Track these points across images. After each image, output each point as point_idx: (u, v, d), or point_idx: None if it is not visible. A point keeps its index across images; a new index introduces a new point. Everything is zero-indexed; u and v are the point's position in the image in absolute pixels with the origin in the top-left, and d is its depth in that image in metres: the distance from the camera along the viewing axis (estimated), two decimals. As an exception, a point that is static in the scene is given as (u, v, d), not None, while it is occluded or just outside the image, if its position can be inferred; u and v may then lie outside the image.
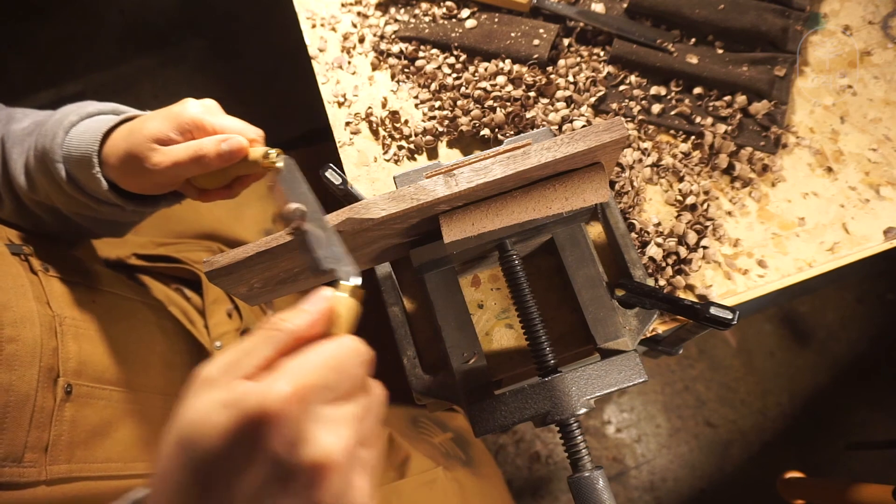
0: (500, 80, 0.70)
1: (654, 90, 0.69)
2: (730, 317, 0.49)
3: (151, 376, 0.63)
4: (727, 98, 0.67)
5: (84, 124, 0.56)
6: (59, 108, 0.60)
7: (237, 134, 0.51)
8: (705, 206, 0.63)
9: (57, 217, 0.61)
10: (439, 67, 0.73)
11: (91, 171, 0.53)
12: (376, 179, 0.69)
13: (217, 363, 0.31)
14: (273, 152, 0.51)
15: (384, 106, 0.72)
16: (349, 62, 0.76)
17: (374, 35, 0.76)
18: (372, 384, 0.35)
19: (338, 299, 0.37)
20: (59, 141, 0.54)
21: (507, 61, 0.71)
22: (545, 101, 0.69)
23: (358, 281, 0.40)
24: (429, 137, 0.69)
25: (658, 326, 0.60)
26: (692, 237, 0.61)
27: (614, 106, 0.69)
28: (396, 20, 0.77)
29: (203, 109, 0.53)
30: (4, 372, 0.48)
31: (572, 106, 0.69)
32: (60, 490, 0.51)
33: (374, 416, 0.33)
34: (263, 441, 0.28)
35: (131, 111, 0.60)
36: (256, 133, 0.53)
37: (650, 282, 0.59)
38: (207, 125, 0.52)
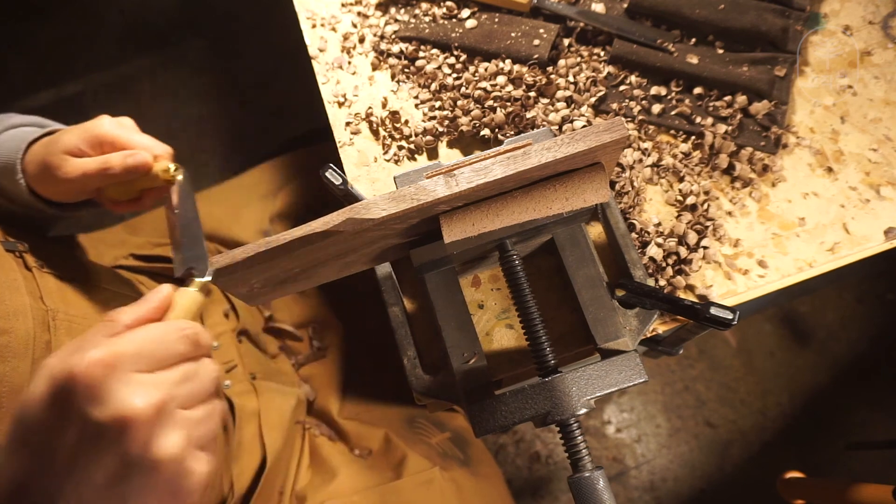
0: (501, 80, 0.70)
1: (654, 90, 0.69)
2: (730, 317, 0.49)
3: None
4: (727, 98, 0.67)
5: (8, 134, 0.60)
6: None
7: (145, 150, 0.55)
8: (705, 206, 0.63)
9: None
10: (439, 67, 0.72)
11: (14, 178, 0.58)
12: (376, 179, 0.69)
13: (56, 353, 0.34)
14: (173, 167, 0.55)
15: (384, 106, 0.72)
16: (349, 62, 0.76)
17: (375, 35, 0.76)
18: (204, 360, 0.39)
19: (180, 293, 0.41)
20: None
21: (508, 61, 0.71)
22: (545, 101, 0.69)
23: (208, 278, 0.45)
24: (429, 137, 0.69)
25: (658, 326, 0.60)
26: (692, 237, 0.61)
27: (614, 106, 0.69)
28: (396, 20, 0.77)
29: (115, 126, 0.56)
30: None
31: (572, 106, 0.69)
32: None
33: (199, 383, 0.37)
34: (73, 402, 0.32)
35: (54, 125, 0.64)
36: (164, 150, 0.56)
37: (650, 282, 0.59)
38: (118, 141, 0.55)
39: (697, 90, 0.68)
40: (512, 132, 0.67)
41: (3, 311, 0.50)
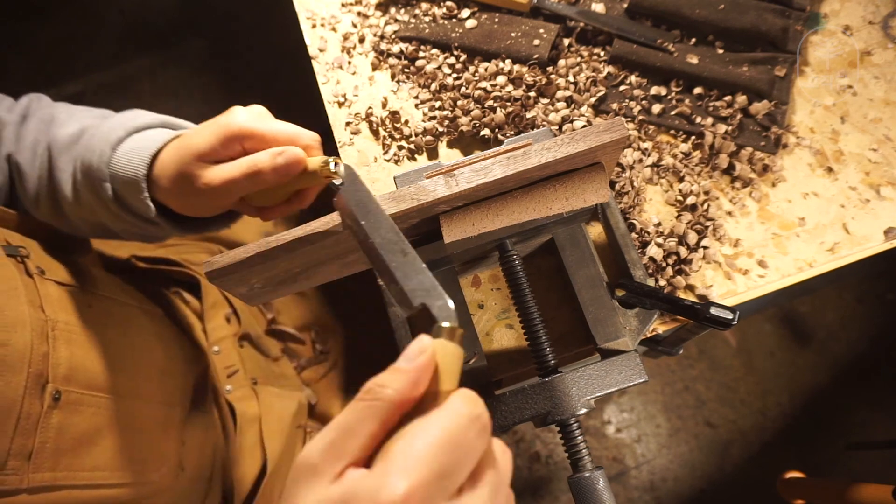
0: (501, 80, 0.70)
1: (654, 90, 0.69)
2: (730, 317, 0.49)
3: (144, 384, 0.61)
4: (727, 98, 0.67)
5: (131, 141, 0.52)
6: (105, 115, 0.57)
7: (291, 142, 0.47)
8: (705, 206, 0.63)
9: (97, 228, 0.59)
10: (439, 67, 0.72)
11: (139, 196, 0.51)
12: (376, 179, 0.69)
13: (317, 445, 0.28)
14: (332, 160, 0.45)
15: (384, 106, 0.72)
16: (349, 62, 0.76)
17: (375, 35, 0.76)
18: (497, 452, 0.30)
19: (439, 347, 0.31)
20: (105, 159, 0.51)
21: (508, 61, 0.71)
22: (545, 101, 0.69)
23: (455, 320, 0.33)
24: (429, 137, 0.69)
25: (658, 326, 0.60)
26: (692, 237, 0.61)
27: (614, 106, 0.69)
28: (396, 20, 0.77)
29: (251, 117, 0.48)
30: None
31: (572, 106, 0.69)
32: (43, 498, 0.49)
33: (504, 491, 0.30)
34: None
35: (182, 126, 0.57)
36: (312, 138, 0.49)
37: (650, 282, 0.59)
38: (258, 134, 0.47)
39: (697, 90, 0.68)
40: (512, 132, 0.67)
41: (1, 322, 0.48)
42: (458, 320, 0.33)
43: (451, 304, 0.34)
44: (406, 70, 0.74)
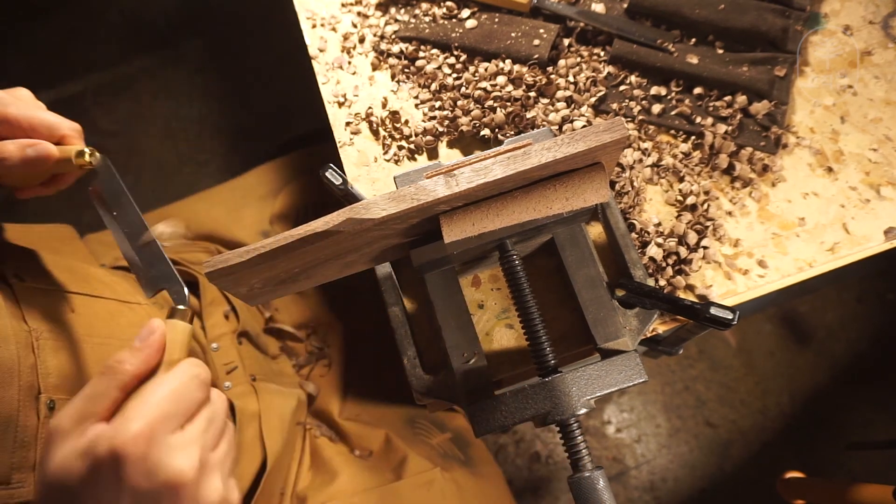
0: (501, 80, 0.70)
1: (654, 90, 0.69)
2: (730, 317, 0.49)
3: None
4: (727, 98, 0.67)
5: None
6: None
7: (48, 131, 0.48)
8: (705, 206, 0.63)
9: None
10: (439, 67, 0.72)
11: None
12: (376, 179, 0.69)
13: (67, 413, 0.34)
14: (87, 151, 0.48)
15: (384, 106, 0.72)
16: (349, 62, 0.76)
17: (375, 35, 0.76)
18: (214, 396, 0.39)
19: (170, 326, 0.39)
20: None
21: (508, 61, 0.71)
22: (545, 101, 0.69)
23: (187, 304, 0.43)
24: (429, 137, 0.69)
25: (658, 326, 0.60)
26: (692, 237, 0.61)
27: (614, 106, 0.69)
28: (396, 20, 0.77)
29: (8, 101, 0.48)
30: None
31: (572, 106, 0.69)
32: None
33: (217, 421, 0.38)
34: (122, 477, 0.32)
35: None
36: (71, 128, 0.49)
37: (650, 282, 0.59)
38: (12, 120, 0.47)
39: (697, 90, 0.68)
40: (512, 132, 0.67)
41: None
42: (189, 302, 0.43)
43: (185, 290, 0.44)
44: (406, 70, 0.74)
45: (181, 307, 0.42)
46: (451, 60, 0.73)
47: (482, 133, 0.67)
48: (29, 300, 0.54)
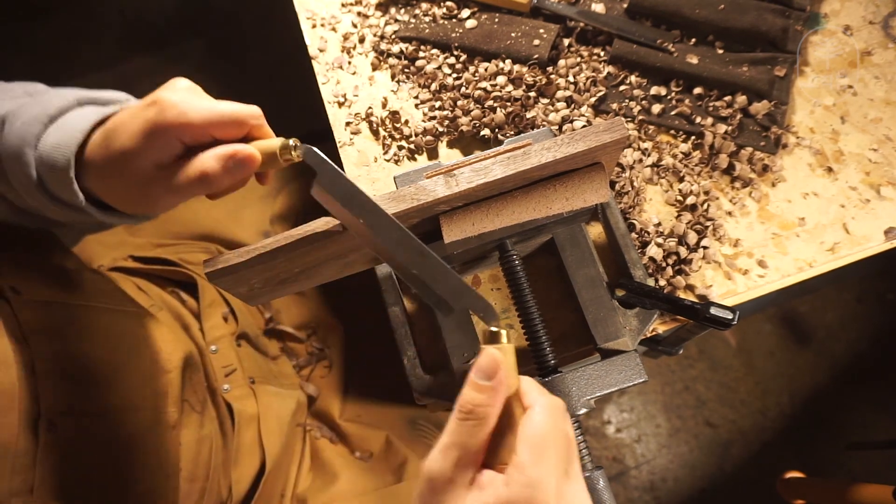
0: (501, 80, 0.70)
1: (654, 90, 0.69)
2: (730, 317, 0.49)
3: (136, 392, 0.60)
4: (727, 98, 0.67)
5: (62, 121, 0.44)
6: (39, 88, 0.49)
7: (235, 126, 0.43)
8: (705, 206, 0.63)
9: (11, 210, 0.52)
10: (439, 67, 0.72)
11: (71, 188, 0.43)
12: (376, 179, 0.69)
13: (443, 460, 0.34)
14: (291, 144, 0.42)
15: (384, 106, 0.72)
16: (349, 62, 0.76)
17: (375, 35, 0.76)
18: (571, 426, 0.38)
19: (503, 352, 0.36)
20: (31, 138, 0.43)
21: (508, 61, 0.71)
22: (545, 101, 0.69)
23: (499, 319, 0.37)
24: (429, 137, 0.69)
25: (658, 326, 0.60)
26: (692, 237, 0.61)
27: (614, 106, 0.69)
28: (396, 20, 0.77)
29: (184, 105, 0.41)
30: None
31: (572, 106, 0.69)
32: None
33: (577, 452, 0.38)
34: None
35: (114, 100, 0.48)
36: (253, 116, 0.45)
37: (650, 282, 0.59)
38: (195, 125, 0.41)
39: (697, 90, 0.68)
40: (512, 132, 0.67)
41: None
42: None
43: (492, 304, 0.38)
44: (406, 70, 0.74)
45: (496, 329, 0.37)
46: (451, 60, 0.73)
47: (482, 133, 0.67)
48: (26, 315, 0.52)
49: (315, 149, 0.42)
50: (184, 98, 0.42)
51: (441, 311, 0.37)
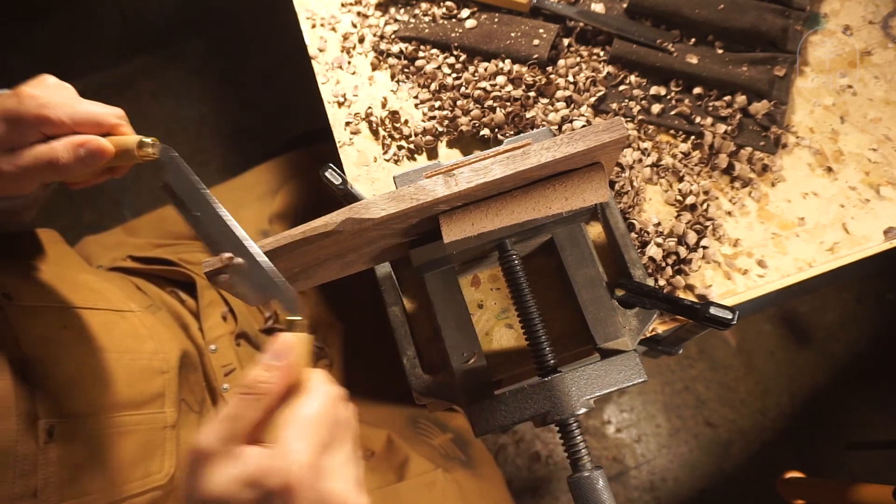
0: (500, 80, 0.70)
1: (653, 90, 0.69)
2: (730, 317, 0.49)
3: (135, 392, 0.60)
4: (727, 98, 0.67)
5: None
6: None
7: (95, 125, 0.45)
8: (705, 206, 0.63)
9: None
10: (439, 67, 0.72)
11: None
12: (376, 179, 0.69)
13: (212, 434, 0.34)
14: (148, 141, 0.44)
15: (384, 106, 0.72)
16: (349, 62, 0.76)
17: (374, 35, 0.76)
18: (349, 414, 0.39)
19: (297, 341, 0.38)
20: None
21: (507, 61, 0.71)
22: (545, 101, 0.69)
23: (301, 313, 0.40)
24: (429, 137, 0.69)
25: (658, 326, 0.60)
26: (692, 237, 0.61)
27: (614, 106, 0.69)
28: (396, 20, 0.77)
29: (43, 100, 0.44)
30: None
31: (572, 106, 0.69)
32: None
33: (356, 437, 0.39)
34: None
35: None
36: (117, 116, 0.46)
37: (650, 282, 0.59)
38: (55, 121, 0.43)
39: (697, 90, 0.68)
40: (511, 132, 0.67)
41: None
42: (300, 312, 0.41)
43: (294, 295, 0.41)
44: (406, 70, 0.74)
45: (297, 318, 0.40)
46: (451, 60, 0.73)
47: (482, 133, 0.67)
48: (20, 321, 0.52)
49: (171, 148, 0.45)
50: (46, 93, 0.44)
51: (250, 298, 0.42)
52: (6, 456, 0.46)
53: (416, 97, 0.72)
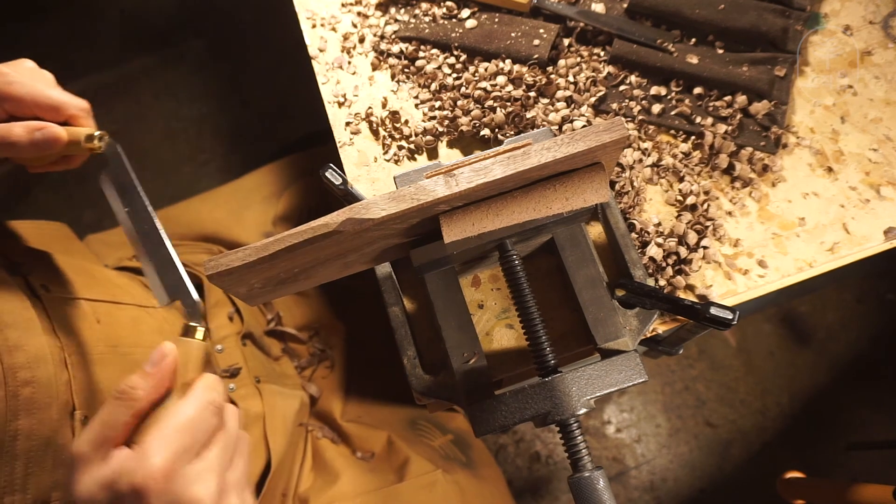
0: (501, 80, 0.70)
1: (654, 90, 0.69)
2: (730, 317, 0.49)
3: None
4: (727, 98, 0.67)
5: None
6: None
7: (55, 111, 0.47)
8: (705, 206, 0.63)
9: None
10: (439, 67, 0.72)
11: None
12: (376, 179, 0.69)
13: (85, 438, 0.35)
14: (96, 135, 0.46)
15: (384, 106, 0.72)
16: (349, 62, 0.76)
17: (375, 35, 0.76)
18: (227, 416, 0.40)
19: (183, 346, 0.39)
20: None
21: (508, 61, 0.71)
22: (545, 101, 0.69)
23: (202, 320, 0.41)
24: (429, 137, 0.69)
25: (658, 326, 0.60)
26: (692, 237, 0.61)
27: (614, 106, 0.69)
28: (396, 20, 0.77)
29: (12, 77, 0.46)
30: (24, 418, 0.46)
31: (572, 106, 0.69)
32: None
33: (231, 442, 0.39)
34: None
35: None
36: (79, 108, 0.48)
37: (650, 282, 0.59)
38: (17, 98, 0.46)
39: (697, 90, 0.68)
40: (512, 132, 0.67)
41: (23, 359, 0.47)
42: (203, 316, 0.42)
43: (200, 304, 0.43)
44: (406, 70, 0.74)
45: (194, 324, 0.41)
46: (451, 60, 0.73)
47: (482, 133, 0.67)
48: (57, 312, 0.54)
49: (117, 144, 0.47)
50: (16, 72, 0.47)
51: (158, 297, 0.43)
52: (48, 443, 0.48)
53: (416, 97, 0.72)
